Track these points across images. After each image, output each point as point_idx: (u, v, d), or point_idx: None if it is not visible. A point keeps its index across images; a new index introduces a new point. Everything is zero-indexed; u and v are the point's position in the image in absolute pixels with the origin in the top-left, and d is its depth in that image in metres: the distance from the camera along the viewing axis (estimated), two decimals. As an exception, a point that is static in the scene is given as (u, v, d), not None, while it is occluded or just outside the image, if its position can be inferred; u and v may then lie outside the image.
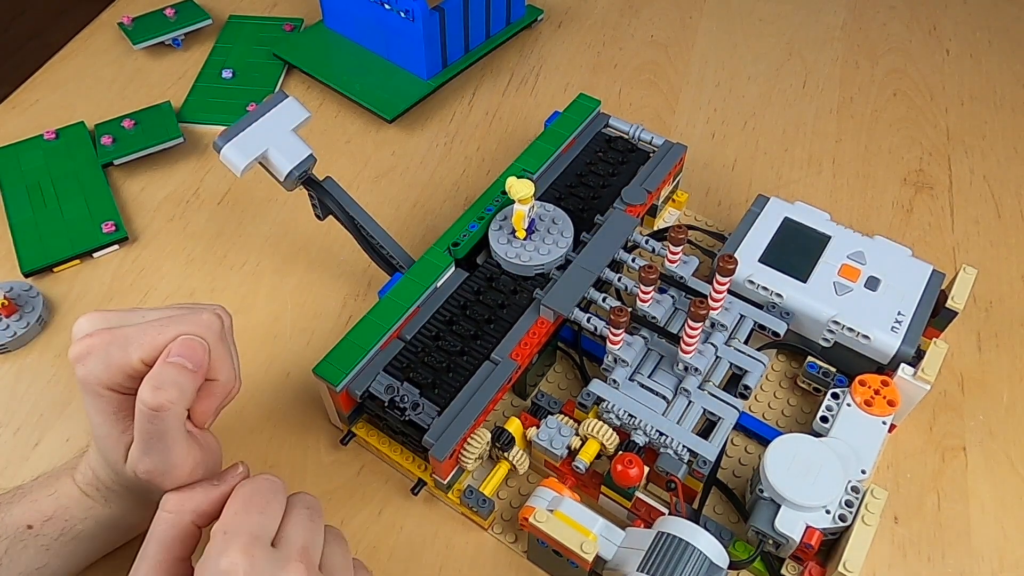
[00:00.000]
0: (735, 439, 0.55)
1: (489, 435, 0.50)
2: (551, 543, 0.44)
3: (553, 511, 0.45)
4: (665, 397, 0.50)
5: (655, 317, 0.53)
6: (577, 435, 0.50)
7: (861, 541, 0.44)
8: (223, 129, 0.52)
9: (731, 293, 0.55)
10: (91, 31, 0.85)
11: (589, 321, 0.53)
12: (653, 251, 0.58)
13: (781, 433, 0.49)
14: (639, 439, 0.49)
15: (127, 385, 0.38)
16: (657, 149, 0.64)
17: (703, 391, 0.51)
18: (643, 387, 0.51)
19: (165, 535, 0.37)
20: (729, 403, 0.51)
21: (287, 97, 0.53)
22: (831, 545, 0.48)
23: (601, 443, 0.49)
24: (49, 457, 0.53)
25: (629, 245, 0.58)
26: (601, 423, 0.49)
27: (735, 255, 0.54)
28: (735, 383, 0.52)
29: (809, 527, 0.45)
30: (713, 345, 0.52)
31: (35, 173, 0.69)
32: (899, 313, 0.53)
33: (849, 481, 0.46)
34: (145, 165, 0.71)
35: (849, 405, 0.51)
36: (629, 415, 0.49)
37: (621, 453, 0.47)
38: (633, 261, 0.56)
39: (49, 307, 0.61)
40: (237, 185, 0.70)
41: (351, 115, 0.77)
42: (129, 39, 0.80)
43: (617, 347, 0.51)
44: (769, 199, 0.60)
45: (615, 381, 0.51)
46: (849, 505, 0.46)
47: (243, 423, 0.55)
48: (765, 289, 0.55)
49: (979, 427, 0.56)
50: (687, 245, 0.57)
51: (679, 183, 0.67)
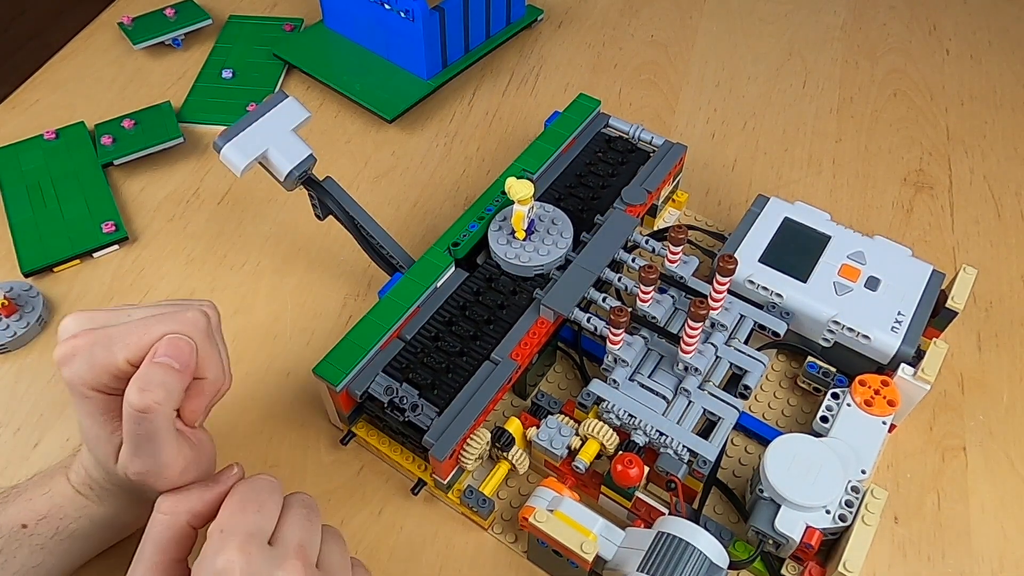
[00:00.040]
0: (735, 439, 0.55)
1: (489, 435, 0.50)
2: (551, 543, 0.44)
3: (553, 511, 0.45)
4: (665, 397, 0.50)
5: (655, 317, 0.53)
6: (577, 435, 0.50)
7: (861, 541, 0.44)
8: (223, 129, 0.52)
9: (731, 293, 0.55)
10: (91, 31, 0.85)
11: (589, 321, 0.53)
12: (653, 251, 0.58)
13: (781, 433, 0.49)
14: (639, 439, 0.49)
15: (113, 386, 0.37)
16: (657, 149, 0.64)
17: (703, 391, 0.51)
18: (643, 387, 0.51)
19: (161, 536, 0.36)
20: (729, 403, 0.51)
21: (287, 97, 0.53)
22: (831, 545, 0.48)
23: (601, 443, 0.49)
24: (49, 457, 0.53)
25: (629, 245, 0.58)
26: (601, 423, 0.49)
27: (735, 255, 0.54)
28: (735, 383, 0.52)
29: (809, 527, 0.45)
30: (713, 345, 0.52)
31: (35, 173, 0.69)
32: (899, 313, 0.53)
33: (849, 481, 0.46)
34: (145, 165, 0.71)
35: (849, 405, 0.51)
36: (629, 415, 0.49)
37: (621, 453, 0.47)
38: (633, 261, 0.56)
39: (49, 307, 0.61)
40: (237, 185, 0.70)
41: (351, 115, 0.77)
42: (129, 39, 0.80)
43: (617, 347, 0.51)
44: (769, 199, 0.60)
45: (615, 381, 0.51)
46: (849, 505, 0.46)
47: (243, 423, 0.56)
48: (765, 289, 0.55)
49: (979, 427, 0.56)
50: (687, 245, 0.57)
51: (679, 183, 0.67)
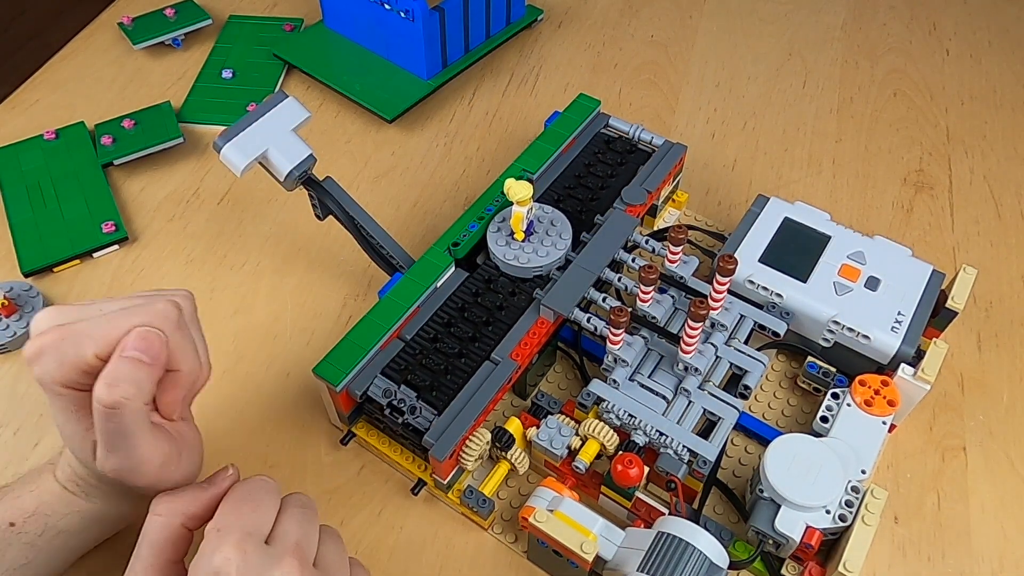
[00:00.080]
0: (735, 439, 0.55)
1: (489, 435, 0.50)
2: (551, 543, 0.44)
3: (553, 511, 0.45)
4: (665, 397, 0.50)
5: (655, 317, 0.53)
6: (577, 435, 0.50)
7: (861, 541, 0.44)
8: (223, 129, 0.52)
9: (731, 293, 0.55)
10: (91, 31, 0.85)
11: (589, 321, 0.53)
12: (653, 251, 0.58)
13: (781, 433, 0.49)
14: (639, 439, 0.49)
15: (84, 382, 0.36)
16: (657, 149, 0.64)
17: (703, 391, 0.51)
18: (643, 387, 0.51)
19: (156, 538, 0.36)
20: (729, 403, 0.51)
21: (287, 97, 0.53)
22: (831, 545, 0.48)
23: (601, 443, 0.49)
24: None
25: (629, 245, 0.58)
26: (601, 423, 0.49)
27: (735, 255, 0.54)
28: (735, 383, 0.52)
29: (809, 527, 0.45)
30: (713, 345, 0.52)
31: (35, 173, 0.69)
32: (899, 313, 0.53)
33: (849, 481, 0.46)
34: (145, 165, 0.71)
35: (849, 405, 0.51)
36: (629, 415, 0.49)
37: (621, 453, 0.47)
38: (633, 261, 0.56)
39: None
40: (237, 185, 0.70)
41: (351, 115, 0.77)
42: (129, 39, 0.80)
43: (617, 347, 0.51)
44: (769, 199, 0.60)
45: (615, 381, 0.51)
46: (849, 505, 0.46)
47: (243, 423, 0.56)
48: (765, 289, 0.55)
49: (979, 427, 0.56)
50: (687, 245, 0.57)
51: (679, 183, 0.67)
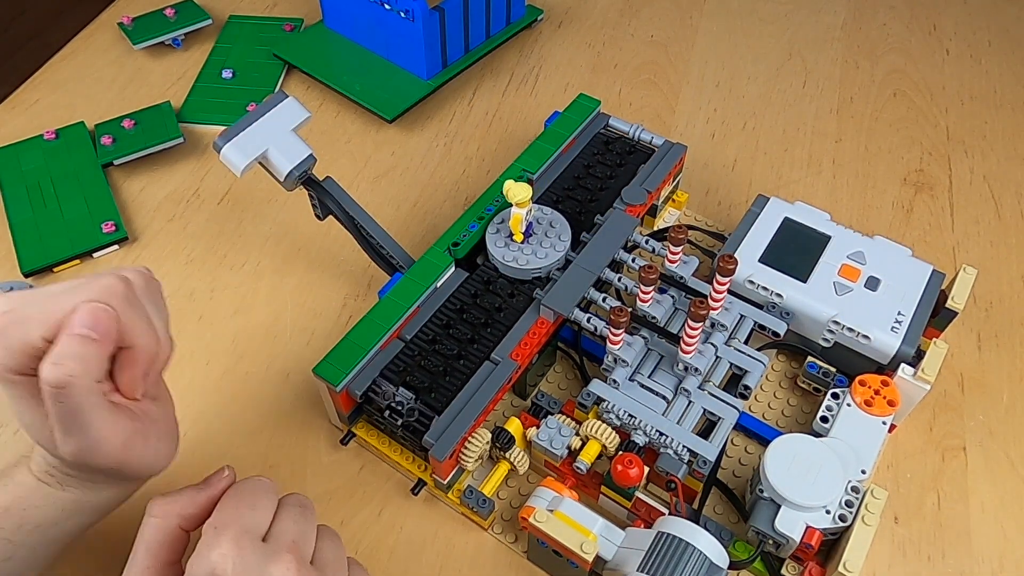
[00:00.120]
0: (735, 439, 0.55)
1: (489, 435, 0.50)
2: (551, 543, 0.44)
3: (553, 511, 0.45)
4: (665, 397, 0.50)
5: (655, 317, 0.53)
6: (577, 435, 0.50)
7: (861, 541, 0.44)
8: (223, 129, 0.52)
9: (731, 293, 0.55)
10: (91, 31, 0.85)
11: (589, 321, 0.53)
12: (653, 251, 0.58)
13: (781, 433, 0.49)
14: (639, 439, 0.49)
15: (35, 367, 0.35)
16: (657, 149, 0.64)
17: (703, 391, 0.51)
18: (643, 387, 0.51)
19: (152, 540, 0.36)
20: (729, 403, 0.51)
21: (287, 97, 0.53)
22: (831, 545, 0.48)
23: (601, 443, 0.49)
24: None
25: (629, 245, 0.58)
26: (601, 423, 0.49)
27: (735, 255, 0.54)
28: (735, 383, 0.52)
29: (809, 527, 0.45)
30: (713, 345, 0.52)
31: (35, 173, 0.69)
32: (899, 313, 0.53)
33: (849, 481, 0.46)
34: (145, 165, 0.71)
35: (849, 405, 0.51)
36: (629, 415, 0.49)
37: (621, 453, 0.47)
38: (633, 261, 0.56)
39: (49, 307, 0.61)
40: (237, 185, 0.70)
41: (351, 115, 0.77)
42: (129, 39, 0.80)
43: (617, 347, 0.51)
44: (769, 199, 0.60)
45: (615, 381, 0.51)
46: (849, 505, 0.46)
47: (243, 423, 0.56)
48: (765, 289, 0.55)
49: (979, 427, 0.56)
50: (687, 245, 0.57)
51: (679, 183, 0.67)
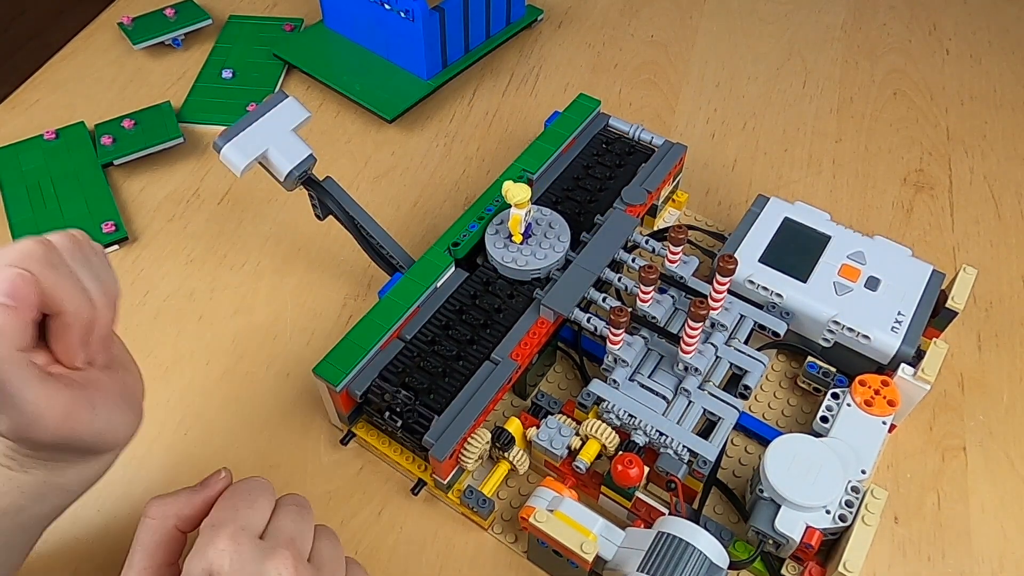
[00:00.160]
0: (735, 439, 0.55)
1: (489, 435, 0.50)
2: (551, 543, 0.44)
3: (553, 511, 0.45)
4: (665, 397, 0.50)
5: (655, 317, 0.53)
6: (577, 435, 0.50)
7: (861, 541, 0.44)
8: (223, 129, 0.52)
9: (731, 293, 0.55)
10: (91, 31, 0.85)
11: (589, 321, 0.53)
12: (653, 251, 0.58)
13: (781, 433, 0.49)
14: (639, 439, 0.49)
15: None
16: (657, 149, 0.64)
17: (703, 391, 0.51)
18: (643, 387, 0.51)
19: (149, 541, 0.37)
20: (729, 403, 0.51)
21: (287, 97, 0.53)
22: (831, 545, 0.48)
23: (601, 443, 0.49)
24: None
25: (629, 245, 0.58)
26: (601, 423, 0.49)
27: (735, 255, 0.54)
28: (735, 383, 0.52)
29: (809, 527, 0.45)
30: (713, 345, 0.52)
31: (35, 173, 0.69)
32: (899, 313, 0.53)
33: (849, 481, 0.46)
34: (145, 165, 0.71)
35: (849, 405, 0.51)
36: (629, 415, 0.49)
37: (621, 453, 0.47)
38: (633, 261, 0.56)
39: (49, 307, 0.61)
40: (237, 185, 0.70)
41: (351, 115, 0.77)
42: (129, 39, 0.80)
43: (617, 347, 0.51)
44: (769, 199, 0.60)
45: (615, 381, 0.51)
46: (849, 505, 0.46)
47: (243, 423, 0.56)
48: (765, 289, 0.55)
49: (979, 427, 0.56)
50: (687, 245, 0.57)
51: (679, 183, 0.67)
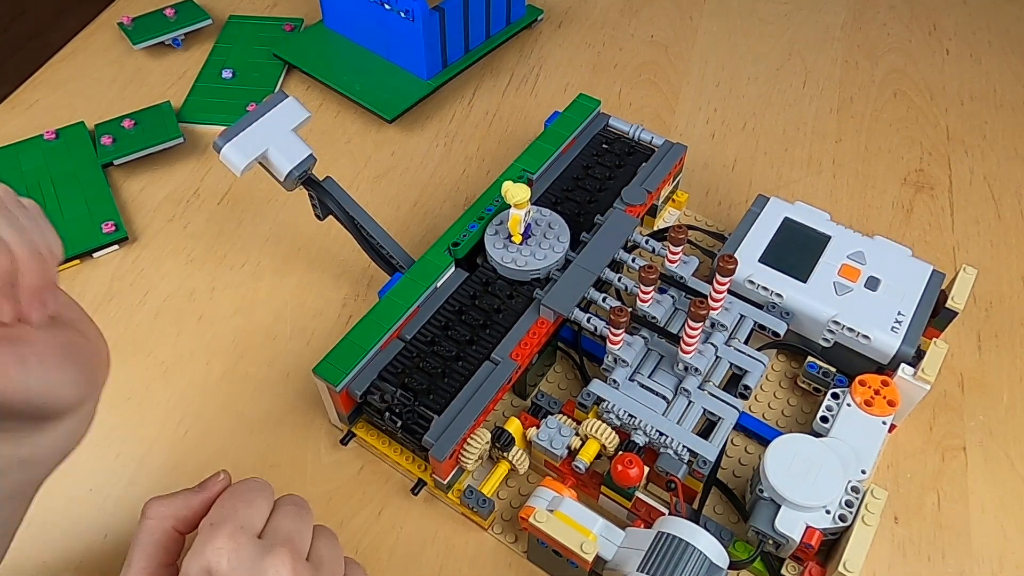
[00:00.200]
0: (735, 439, 0.55)
1: (489, 435, 0.50)
2: (551, 543, 0.44)
3: (553, 511, 0.45)
4: (665, 397, 0.50)
5: (655, 317, 0.53)
6: (577, 435, 0.50)
7: (861, 541, 0.44)
8: (223, 129, 0.52)
9: (731, 293, 0.55)
10: (91, 31, 0.85)
11: (589, 321, 0.53)
12: (653, 251, 0.58)
13: (781, 433, 0.49)
14: (639, 439, 0.49)
15: None
16: (657, 149, 0.64)
17: (703, 391, 0.51)
18: (643, 387, 0.51)
19: (148, 541, 0.37)
20: (729, 403, 0.51)
21: (287, 97, 0.53)
22: (831, 545, 0.48)
23: (601, 443, 0.49)
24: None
25: (629, 245, 0.58)
26: (601, 423, 0.49)
27: (735, 255, 0.54)
28: (735, 383, 0.52)
29: (809, 527, 0.45)
30: (713, 345, 0.52)
31: (35, 173, 0.69)
32: (899, 313, 0.53)
33: (849, 481, 0.46)
34: (145, 165, 0.71)
35: (849, 405, 0.51)
36: (629, 415, 0.49)
37: (621, 453, 0.47)
38: (633, 261, 0.56)
39: (49, 307, 0.61)
40: (237, 185, 0.70)
41: (351, 115, 0.77)
42: (129, 39, 0.80)
43: (617, 347, 0.51)
44: (769, 199, 0.60)
45: (615, 381, 0.51)
46: (849, 505, 0.46)
47: (243, 423, 0.56)
48: (765, 289, 0.55)
49: (979, 427, 0.56)
50: (687, 245, 0.57)
51: (679, 183, 0.67)
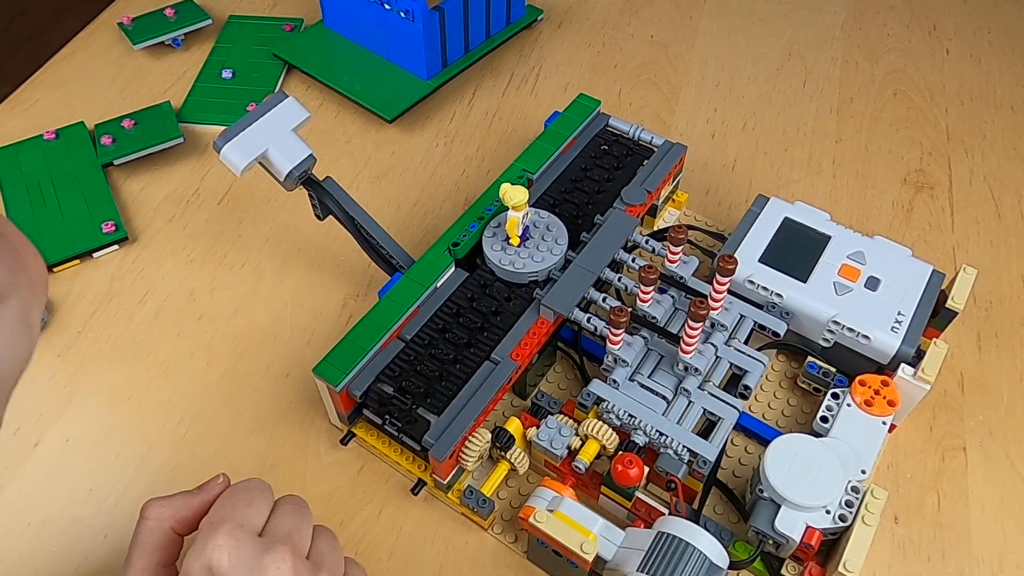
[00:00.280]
0: (735, 439, 0.55)
1: (489, 435, 0.50)
2: (551, 543, 0.44)
3: (553, 511, 0.45)
4: (665, 397, 0.50)
5: (655, 317, 0.53)
6: (577, 435, 0.50)
7: (861, 541, 0.44)
8: (223, 129, 0.52)
9: (731, 293, 0.55)
10: (91, 31, 0.85)
11: (589, 321, 0.53)
12: (653, 251, 0.58)
13: (781, 433, 0.49)
14: (639, 439, 0.49)
15: None
16: (657, 149, 0.64)
17: (703, 391, 0.51)
18: (643, 387, 0.51)
19: (147, 541, 0.37)
20: (729, 403, 0.51)
21: (287, 97, 0.53)
22: (831, 545, 0.48)
23: (601, 443, 0.49)
24: (49, 457, 0.53)
25: (629, 245, 0.58)
26: (601, 423, 0.49)
27: (735, 255, 0.54)
28: (735, 383, 0.52)
29: (809, 527, 0.45)
30: (713, 345, 0.52)
31: (35, 173, 0.69)
32: (899, 313, 0.53)
33: (849, 481, 0.46)
34: (145, 165, 0.71)
35: (849, 405, 0.51)
36: (629, 415, 0.49)
37: (621, 453, 0.47)
38: (633, 261, 0.56)
39: (49, 307, 0.61)
40: (237, 185, 0.70)
41: (351, 115, 0.77)
42: (129, 39, 0.80)
43: (617, 347, 0.51)
44: (769, 199, 0.60)
45: (615, 381, 0.51)
46: (849, 505, 0.46)
47: (243, 423, 0.56)
48: (765, 289, 0.55)
49: (979, 427, 0.56)
50: (687, 245, 0.57)
51: (679, 183, 0.67)
